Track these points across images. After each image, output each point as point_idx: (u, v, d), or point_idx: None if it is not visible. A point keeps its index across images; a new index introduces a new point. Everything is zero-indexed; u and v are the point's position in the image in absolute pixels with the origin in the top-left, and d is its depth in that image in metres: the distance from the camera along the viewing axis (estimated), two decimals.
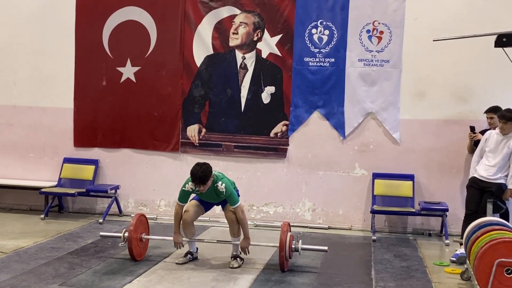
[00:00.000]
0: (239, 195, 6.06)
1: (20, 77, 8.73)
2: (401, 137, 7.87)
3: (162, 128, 8.39)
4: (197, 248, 6.24)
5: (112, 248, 6.58)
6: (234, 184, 6.11)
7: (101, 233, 6.57)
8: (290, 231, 6.03)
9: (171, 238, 6.11)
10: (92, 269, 5.74)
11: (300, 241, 6.00)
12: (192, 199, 6.15)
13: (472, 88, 7.65)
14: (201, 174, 5.69)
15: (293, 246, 5.92)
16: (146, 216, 7.48)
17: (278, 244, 5.84)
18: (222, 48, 8.24)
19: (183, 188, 5.95)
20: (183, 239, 6.08)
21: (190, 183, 5.87)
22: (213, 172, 5.84)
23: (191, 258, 6.12)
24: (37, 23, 8.61)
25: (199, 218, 6.23)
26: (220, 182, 5.84)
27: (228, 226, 6.10)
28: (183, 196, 5.98)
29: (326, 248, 6.09)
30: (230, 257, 6.07)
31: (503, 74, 7.42)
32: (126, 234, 5.99)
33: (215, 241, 6.41)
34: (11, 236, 7.00)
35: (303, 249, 5.99)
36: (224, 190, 5.83)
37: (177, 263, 6.01)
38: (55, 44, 8.59)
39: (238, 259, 6.00)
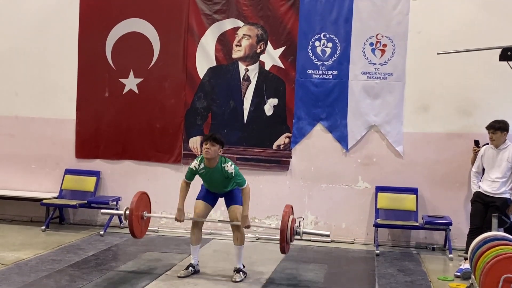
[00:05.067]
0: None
1: (22, 88, 8.72)
2: (404, 150, 7.84)
3: (164, 139, 8.37)
4: (197, 261, 6.17)
5: (113, 261, 6.54)
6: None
7: (103, 211, 6.62)
8: (293, 214, 5.93)
9: (173, 216, 6.07)
10: (93, 282, 5.68)
11: (302, 224, 5.90)
12: (197, 198, 6.09)
13: (476, 101, 7.63)
14: (213, 134, 5.93)
15: (294, 230, 5.81)
16: (148, 226, 7.41)
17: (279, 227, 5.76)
18: (225, 60, 8.23)
19: (189, 166, 6.01)
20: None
21: (196, 161, 5.95)
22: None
23: (193, 270, 6.05)
24: (40, 34, 8.61)
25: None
26: (229, 163, 5.88)
27: (231, 233, 6.05)
28: (190, 173, 6.00)
29: (328, 233, 6.05)
30: (232, 271, 6.00)
31: (508, 88, 7.41)
32: (128, 212, 5.97)
33: (217, 221, 6.34)
34: (11, 247, 6.95)
35: (304, 232, 5.90)
36: (232, 171, 5.83)
37: (179, 276, 5.95)
38: (58, 55, 8.59)
39: (241, 272, 5.94)
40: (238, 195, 6.00)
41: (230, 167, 5.85)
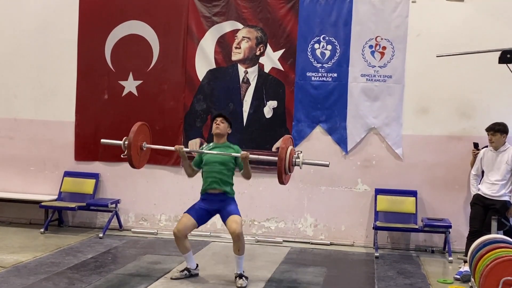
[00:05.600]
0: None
1: (21, 90, 8.72)
2: (404, 152, 7.83)
3: (164, 142, 8.30)
4: (197, 265, 6.14)
5: (112, 264, 6.53)
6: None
7: (102, 140, 6.45)
8: (293, 146, 5.85)
9: (173, 148, 6.10)
10: (92, 285, 5.67)
11: (301, 155, 5.75)
12: (186, 211, 6.00)
13: (475, 104, 7.64)
14: (223, 112, 6.22)
15: (293, 160, 5.69)
16: (147, 229, 7.42)
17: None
18: (224, 63, 8.23)
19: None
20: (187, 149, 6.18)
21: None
22: None
23: (188, 274, 6.00)
24: (39, 36, 8.61)
25: (200, 233, 6.14)
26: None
27: (230, 235, 5.94)
28: (197, 157, 6.15)
29: (327, 163, 5.84)
30: (234, 275, 5.87)
31: (507, 91, 7.43)
32: (127, 143, 5.96)
33: (215, 152, 5.99)
34: (10, 250, 6.93)
35: (304, 163, 5.76)
36: (238, 148, 5.99)
37: (172, 278, 5.93)
38: (57, 57, 8.59)
39: (243, 278, 5.82)
40: (234, 208, 5.92)
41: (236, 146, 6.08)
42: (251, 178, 6.15)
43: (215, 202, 5.96)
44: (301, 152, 5.84)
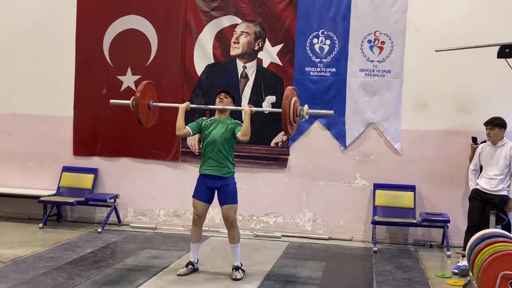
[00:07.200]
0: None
1: (20, 85, 8.70)
2: (402, 147, 7.84)
3: (162, 137, 8.35)
4: (197, 260, 6.16)
5: (111, 258, 6.54)
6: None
7: (111, 101, 6.56)
8: (296, 97, 5.81)
9: (178, 105, 6.12)
10: (91, 279, 5.68)
11: (306, 106, 5.79)
12: (193, 196, 5.99)
13: (474, 99, 7.63)
14: (226, 89, 6.23)
15: (298, 110, 5.70)
16: (146, 224, 7.39)
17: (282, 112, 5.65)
18: (223, 57, 8.22)
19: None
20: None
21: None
22: None
23: (192, 269, 6.03)
24: (37, 31, 8.60)
25: None
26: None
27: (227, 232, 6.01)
28: (194, 123, 6.08)
29: (331, 112, 6.06)
30: (231, 269, 5.95)
31: (506, 85, 7.42)
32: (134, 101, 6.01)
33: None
34: (9, 245, 6.94)
35: (308, 113, 5.80)
36: (239, 122, 5.99)
37: (178, 275, 5.92)
38: (56, 52, 8.57)
39: (240, 270, 5.89)
40: (232, 194, 5.92)
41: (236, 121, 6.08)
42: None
43: (214, 183, 5.95)
44: (306, 105, 5.88)
